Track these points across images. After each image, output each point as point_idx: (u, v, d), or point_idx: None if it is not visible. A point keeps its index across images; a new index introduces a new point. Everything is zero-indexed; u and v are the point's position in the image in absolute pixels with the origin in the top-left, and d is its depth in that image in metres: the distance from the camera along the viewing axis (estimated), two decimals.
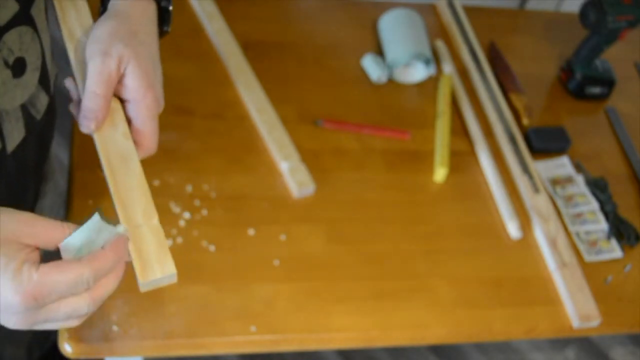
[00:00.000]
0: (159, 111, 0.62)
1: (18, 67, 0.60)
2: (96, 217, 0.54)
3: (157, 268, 0.59)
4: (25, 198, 0.75)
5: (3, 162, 0.63)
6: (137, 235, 0.58)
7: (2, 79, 0.58)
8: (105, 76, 0.57)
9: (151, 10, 0.64)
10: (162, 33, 0.67)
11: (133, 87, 0.59)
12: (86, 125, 0.57)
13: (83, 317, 0.52)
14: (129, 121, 0.60)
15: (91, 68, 0.57)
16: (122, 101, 0.60)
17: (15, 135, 0.63)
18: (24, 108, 0.63)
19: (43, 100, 0.67)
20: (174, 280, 0.59)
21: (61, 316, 0.50)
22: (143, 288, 0.59)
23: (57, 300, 0.49)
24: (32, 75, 0.62)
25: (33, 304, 0.47)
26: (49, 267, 0.49)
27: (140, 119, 0.60)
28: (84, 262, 0.50)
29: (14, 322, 0.49)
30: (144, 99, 0.59)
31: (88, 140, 0.93)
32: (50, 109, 0.70)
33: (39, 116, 0.66)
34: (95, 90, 0.56)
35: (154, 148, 0.61)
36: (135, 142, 0.59)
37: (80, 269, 0.49)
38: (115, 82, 0.58)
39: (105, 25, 0.59)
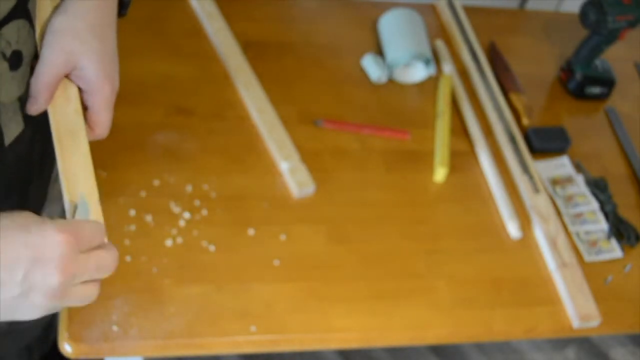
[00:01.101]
0: (114, 99, 0.66)
1: (15, 60, 0.61)
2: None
3: None
4: (27, 192, 0.76)
5: (4, 155, 0.65)
6: (81, 214, 0.62)
7: (0, 72, 0.59)
8: (51, 67, 0.61)
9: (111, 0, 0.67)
10: (119, 15, 0.70)
11: (90, 80, 0.63)
12: (28, 107, 0.62)
13: (107, 270, 0.57)
14: (85, 108, 0.64)
15: (42, 57, 0.61)
16: (80, 90, 0.64)
17: (13, 128, 0.65)
18: (21, 101, 0.64)
19: None
20: None
21: (92, 266, 0.55)
22: None
23: (87, 249, 0.55)
24: (27, 68, 0.64)
25: (73, 242, 0.53)
26: (76, 219, 0.59)
27: (95, 108, 0.64)
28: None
29: (58, 269, 0.53)
30: (100, 90, 0.63)
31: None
32: None
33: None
34: (40, 78, 0.61)
35: (105, 134, 0.66)
36: (89, 126, 0.64)
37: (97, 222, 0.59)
38: (61, 74, 0.62)
39: (62, 18, 0.62)
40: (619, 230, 0.98)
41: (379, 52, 1.13)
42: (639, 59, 1.26)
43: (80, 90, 0.64)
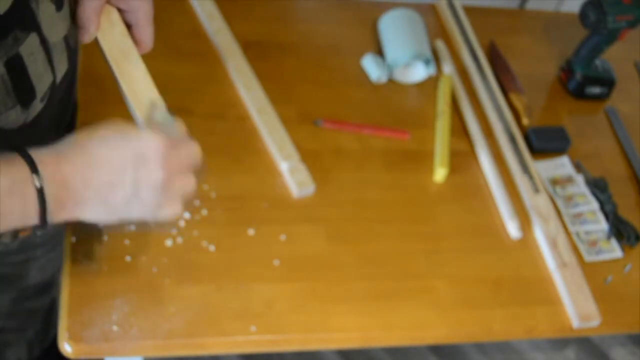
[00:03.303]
0: (153, 13, 0.72)
1: (59, 1, 0.66)
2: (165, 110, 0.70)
3: None
4: (65, 129, 0.82)
5: (54, 94, 0.69)
6: (153, 125, 0.67)
7: (49, 13, 0.64)
8: None
9: None
10: None
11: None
12: (81, 34, 0.67)
13: (196, 159, 0.65)
14: (128, 27, 0.70)
15: None
16: (121, 11, 0.70)
17: (61, 67, 0.69)
18: (65, 40, 0.69)
19: (75, 30, 0.71)
20: None
21: (184, 158, 0.63)
22: None
23: (177, 145, 0.62)
24: (67, 8, 0.68)
25: (167, 141, 0.60)
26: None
27: (140, 24, 0.70)
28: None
29: (160, 164, 0.60)
30: (141, 6, 0.70)
31: None
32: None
33: (74, 46, 0.72)
34: (86, 7, 0.66)
35: (151, 47, 0.72)
36: (135, 42, 0.70)
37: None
38: (104, 0, 0.68)
39: None
40: (619, 230, 0.98)
41: (379, 52, 1.13)
42: (639, 59, 1.26)
43: (120, 11, 0.69)
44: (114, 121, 0.60)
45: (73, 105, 0.86)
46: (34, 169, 0.55)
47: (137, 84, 0.69)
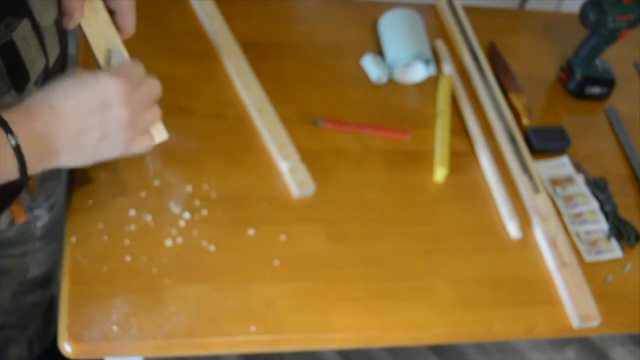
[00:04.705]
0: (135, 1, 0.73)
1: None
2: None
3: (155, 134, 0.73)
4: None
5: (48, 77, 0.70)
6: None
7: None
8: None
9: None
10: None
11: None
12: (65, 21, 0.67)
13: (158, 92, 0.69)
14: (111, 13, 0.71)
15: None
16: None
17: (54, 50, 0.71)
18: (56, 23, 0.70)
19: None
20: (166, 137, 0.74)
21: (146, 93, 0.66)
22: None
23: (137, 82, 0.65)
24: None
25: (126, 80, 0.63)
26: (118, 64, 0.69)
27: (122, 10, 0.71)
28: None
29: (123, 103, 0.63)
30: None
31: None
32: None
33: (65, 29, 0.73)
34: None
35: (132, 33, 0.74)
36: (118, 29, 0.72)
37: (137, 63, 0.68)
38: None
39: None
40: (619, 230, 0.98)
41: (379, 52, 1.13)
42: (639, 59, 1.26)
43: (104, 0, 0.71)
44: (75, 71, 0.64)
45: None
46: (7, 129, 0.58)
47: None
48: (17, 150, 0.58)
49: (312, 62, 1.10)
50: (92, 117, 0.62)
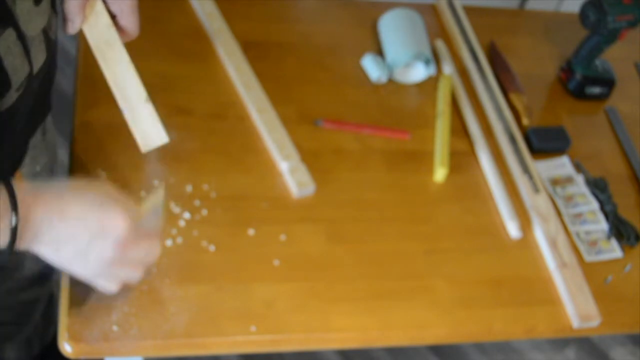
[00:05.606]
0: (137, 2, 0.74)
1: None
2: (161, 193, 0.76)
3: (155, 137, 0.77)
4: (43, 114, 0.84)
5: (31, 83, 0.70)
6: (135, 114, 0.73)
7: (27, 8, 0.65)
8: None
9: None
10: None
11: None
12: (67, 26, 0.69)
13: (152, 259, 0.70)
14: (113, 17, 0.72)
15: None
16: (105, 2, 0.72)
17: (39, 58, 0.71)
18: (44, 32, 0.70)
19: (55, 21, 0.73)
20: (167, 141, 0.78)
21: (142, 252, 0.67)
22: (144, 150, 0.79)
23: (142, 237, 0.67)
24: (46, 1, 0.69)
25: (133, 230, 0.65)
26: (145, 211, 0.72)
27: (124, 13, 0.72)
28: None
29: (115, 245, 0.64)
30: None
31: (89, 140, 0.93)
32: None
33: (54, 37, 0.73)
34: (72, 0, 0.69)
35: (136, 35, 0.74)
36: (120, 31, 0.72)
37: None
38: None
39: None
40: (619, 230, 0.98)
41: (379, 52, 1.13)
42: (639, 59, 1.26)
43: (104, 1, 0.71)
44: (104, 187, 0.65)
45: (48, 93, 0.87)
46: (14, 206, 0.58)
47: (122, 77, 0.73)
48: (14, 231, 0.59)
49: (312, 62, 1.10)
50: (85, 235, 0.63)
